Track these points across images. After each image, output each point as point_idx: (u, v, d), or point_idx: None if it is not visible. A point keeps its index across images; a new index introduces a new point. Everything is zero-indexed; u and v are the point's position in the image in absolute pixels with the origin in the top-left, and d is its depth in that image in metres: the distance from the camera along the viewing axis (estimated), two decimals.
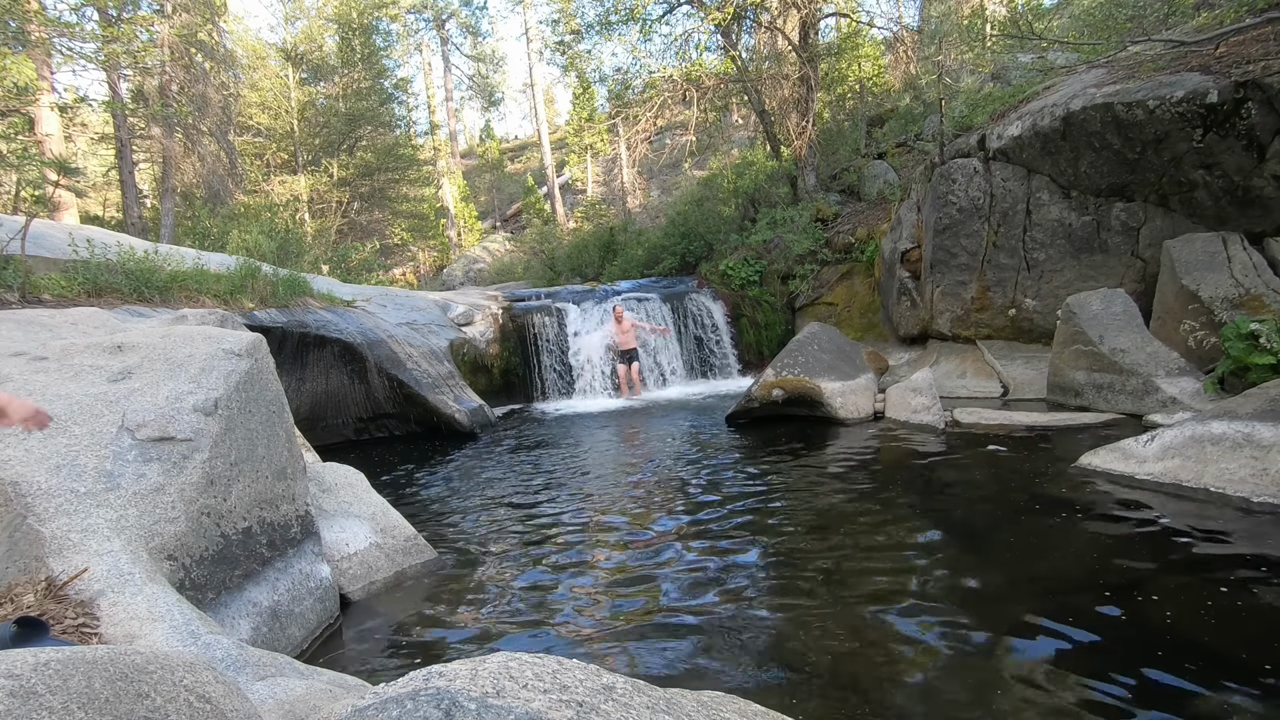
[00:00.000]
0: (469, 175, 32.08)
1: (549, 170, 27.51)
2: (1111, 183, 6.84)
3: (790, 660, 2.49)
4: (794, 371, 6.83)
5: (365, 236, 23.60)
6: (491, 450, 7.00)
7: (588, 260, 17.05)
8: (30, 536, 2.32)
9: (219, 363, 3.09)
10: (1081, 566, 3.04)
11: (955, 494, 4.24)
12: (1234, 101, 5.79)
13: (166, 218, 15.91)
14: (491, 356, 10.01)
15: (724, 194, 15.10)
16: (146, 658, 1.30)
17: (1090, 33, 7.74)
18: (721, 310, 11.41)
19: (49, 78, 13.42)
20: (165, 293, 6.37)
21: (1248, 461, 3.63)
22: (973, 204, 7.92)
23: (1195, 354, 5.88)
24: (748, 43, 15.38)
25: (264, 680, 2.00)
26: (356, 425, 8.28)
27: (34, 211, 12.08)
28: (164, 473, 2.62)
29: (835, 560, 3.36)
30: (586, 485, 5.29)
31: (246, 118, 21.67)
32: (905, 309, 9.29)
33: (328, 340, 7.61)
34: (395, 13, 28.20)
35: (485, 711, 1.13)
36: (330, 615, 3.14)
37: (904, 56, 14.59)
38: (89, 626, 2.11)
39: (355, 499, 3.94)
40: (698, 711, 1.44)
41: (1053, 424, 5.64)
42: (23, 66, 11.66)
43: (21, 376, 2.87)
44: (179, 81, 16.37)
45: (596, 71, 19.14)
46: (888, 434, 6.03)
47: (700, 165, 22.01)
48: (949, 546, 3.42)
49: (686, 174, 22.80)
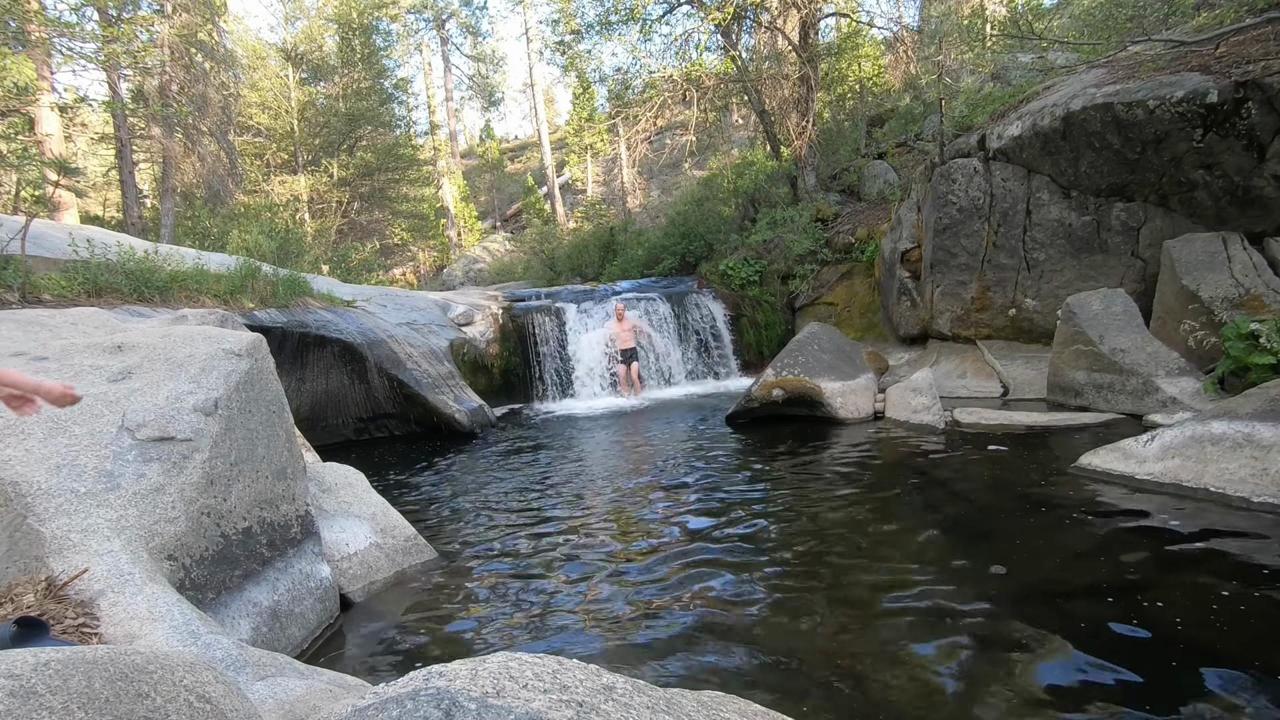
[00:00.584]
0: (469, 175, 32.08)
1: (549, 170, 27.52)
2: (1111, 183, 6.84)
3: (790, 660, 2.49)
4: (794, 371, 6.83)
5: (365, 236, 23.61)
6: (491, 450, 7.00)
7: (588, 260, 17.04)
8: (30, 536, 2.32)
9: (219, 363, 3.09)
10: (1081, 566, 3.04)
11: (955, 494, 4.24)
12: (1234, 101, 5.79)
13: (166, 218, 15.91)
14: (491, 356, 10.01)
15: (724, 194, 15.10)
16: (146, 658, 1.30)
17: (1090, 33, 7.73)
18: (721, 310, 11.41)
19: (49, 78, 13.42)
20: (165, 293, 6.37)
21: (1248, 461, 3.63)
22: (973, 204, 7.92)
23: (1195, 354, 5.88)
24: (748, 43, 15.38)
25: (264, 680, 2.00)
26: (356, 425, 8.28)
27: (34, 211, 12.07)
28: (164, 473, 2.62)
29: (835, 560, 3.37)
30: (586, 485, 5.29)
31: (246, 118, 21.68)
32: (905, 309, 9.29)
33: (328, 340, 7.61)
34: (395, 13, 28.19)
35: (485, 711, 1.13)
36: (330, 615, 3.14)
37: (904, 56, 14.59)
38: (89, 626, 2.11)
39: (355, 499, 3.94)
40: (698, 711, 1.44)
41: (1053, 424, 5.64)
42: (23, 66, 11.67)
43: None
44: (179, 81, 16.37)
45: (596, 71, 19.14)
46: (888, 434, 6.03)
47: (700, 165, 22.01)
48: (949, 546, 3.42)
49: (686, 174, 22.79)
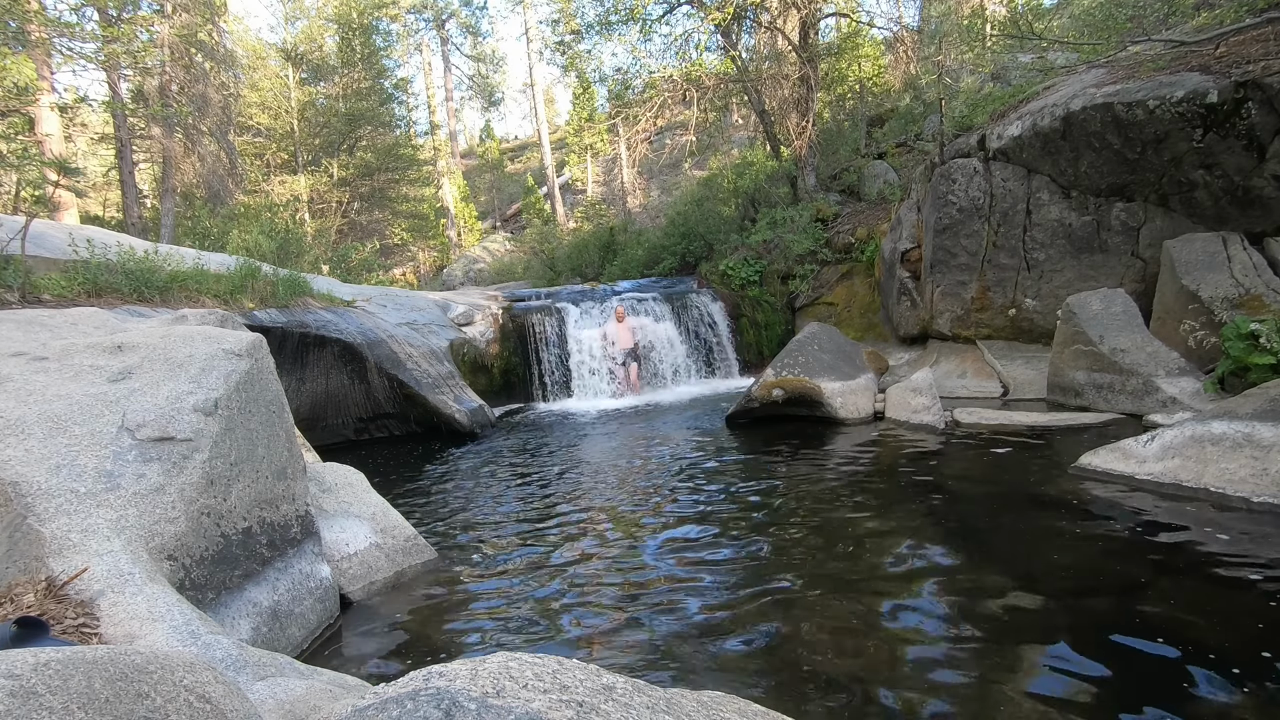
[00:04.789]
0: (469, 175, 32.09)
1: (549, 170, 27.52)
2: (1111, 183, 6.84)
3: (790, 660, 2.49)
4: (794, 371, 6.83)
5: (365, 236, 23.61)
6: (491, 450, 7.00)
7: (588, 260, 17.05)
8: (30, 536, 2.32)
9: (219, 363, 3.09)
10: (1081, 566, 3.04)
11: (955, 494, 4.24)
12: (1234, 101, 5.79)
13: (166, 218, 15.91)
14: (491, 356, 10.01)
15: (724, 194, 15.10)
16: (146, 658, 1.30)
17: (1090, 33, 7.74)
18: (721, 310, 11.40)
19: (49, 78, 13.42)
20: (165, 293, 6.37)
21: (1248, 461, 3.63)
22: (973, 204, 7.92)
23: (1195, 354, 5.88)
24: (748, 43, 15.39)
25: (264, 680, 2.00)
26: (356, 425, 8.28)
27: (34, 211, 12.07)
28: (164, 473, 2.62)
29: (835, 560, 3.37)
30: (586, 485, 5.29)
31: (246, 118, 21.68)
32: (905, 309, 9.28)
33: (328, 340, 7.61)
34: (395, 13, 28.21)
35: (485, 711, 1.13)
36: (330, 615, 3.14)
37: (904, 56, 14.60)
38: (89, 626, 2.11)
39: (355, 499, 3.93)
40: (698, 711, 1.44)
41: (1053, 424, 5.64)
42: (23, 66, 11.66)
43: (21, 376, 2.87)
44: (179, 81, 16.37)
45: (596, 71, 19.16)
46: (888, 434, 6.03)
47: (700, 165, 22.00)
48: (949, 546, 3.42)
49: (686, 174, 22.80)
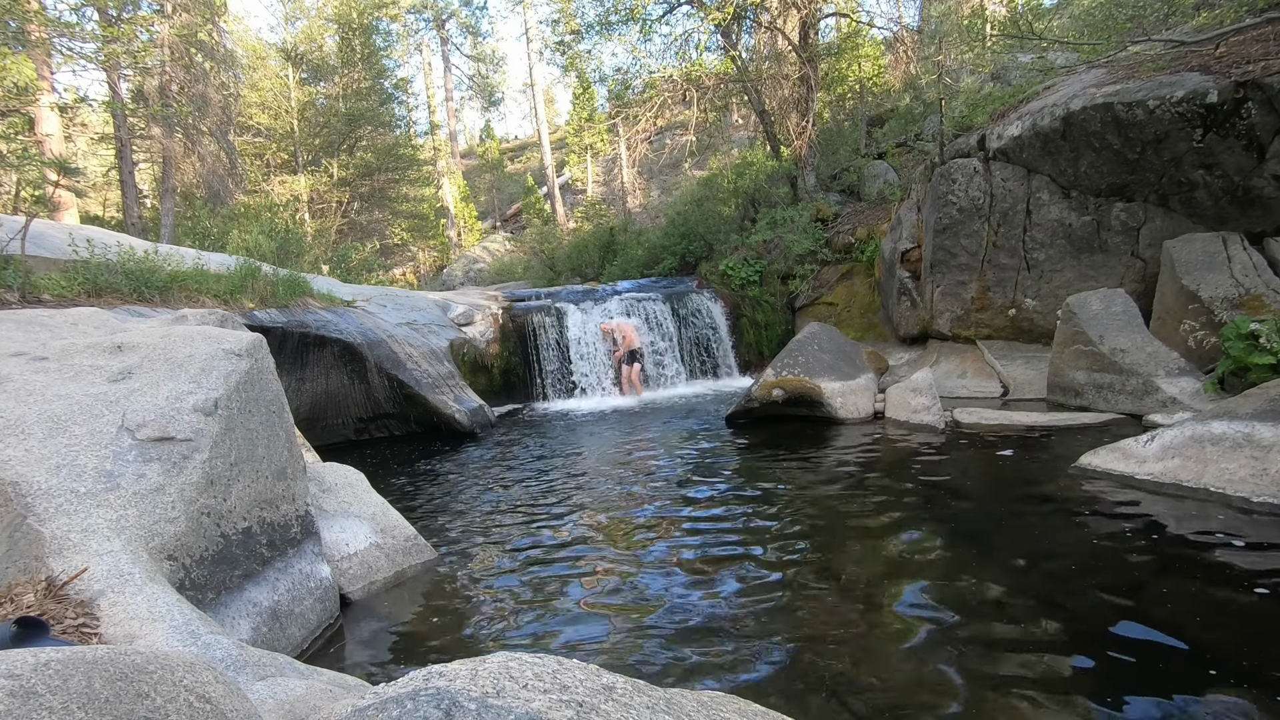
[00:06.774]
0: (469, 175, 32.10)
1: (549, 170, 27.53)
2: (1111, 183, 6.84)
3: (790, 660, 2.49)
4: (794, 371, 6.83)
5: (365, 236, 23.61)
6: (491, 450, 7.00)
7: (588, 260, 17.05)
8: (30, 536, 2.32)
9: (219, 363, 3.09)
10: (1081, 566, 3.04)
11: (955, 494, 4.24)
12: (1234, 101, 5.79)
13: (166, 218, 15.91)
14: (491, 356, 10.01)
15: (724, 194, 15.10)
16: (146, 658, 1.30)
17: (1090, 33, 7.74)
18: (721, 310, 11.41)
19: (49, 78, 13.43)
20: (165, 293, 6.37)
21: (1248, 461, 3.63)
22: (973, 204, 7.92)
23: (1195, 354, 5.88)
24: (748, 43, 15.40)
25: (264, 680, 2.00)
26: (356, 425, 8.28)
27: (34, 211, 12.08)
28: (164, 473, 2.62)
29: (835, 560, 3.36)
30: (586, 485, 5.29)
31: (246, 118, 21.68)
32: (905, 309, 9.28)
33: (328, 340, 7.61)
34: (395, 13, 28.21)
35: (485, 711, 1.13)
36: (330, 615, 3.14)
37: (904, 56, 14.60)
38: (89, 626, 2.11)
39: (355, 499, 3.93)
40: (698, 711, 1.44)
41: (1053, 424, 5.64)
42: (23, 66, 11.67)
43: (21, 376, 2.87)
44: (179, 81, 16.37)
45: (596, 71, 19.19)
46: (888, 434, 6.03)
47: (700, 165, 22.00)
48: (949, 546, 3.41)
49: (686, 174, 22.79)
